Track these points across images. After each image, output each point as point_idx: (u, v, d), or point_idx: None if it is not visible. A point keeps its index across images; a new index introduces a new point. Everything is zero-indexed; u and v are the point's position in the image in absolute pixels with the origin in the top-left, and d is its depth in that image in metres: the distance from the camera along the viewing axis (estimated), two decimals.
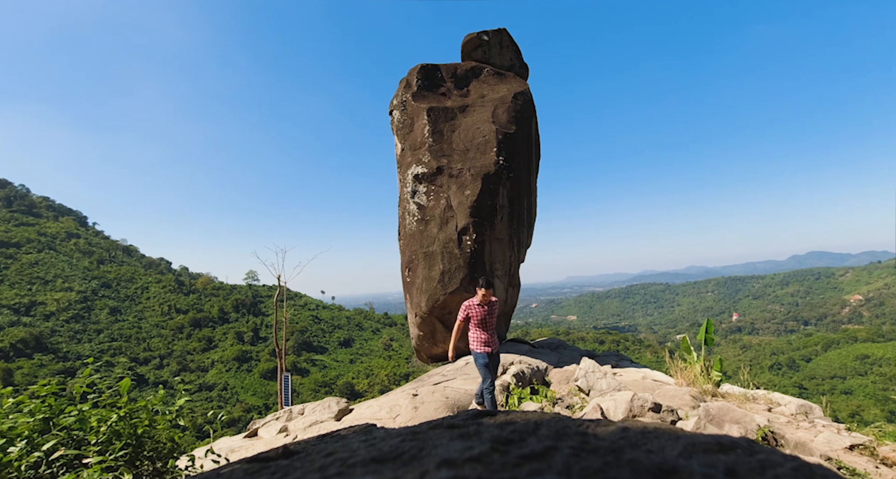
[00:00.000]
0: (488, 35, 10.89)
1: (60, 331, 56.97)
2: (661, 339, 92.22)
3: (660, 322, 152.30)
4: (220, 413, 4.30)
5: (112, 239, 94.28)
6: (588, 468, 0.49)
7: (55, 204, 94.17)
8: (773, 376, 58.29)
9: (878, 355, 61.48)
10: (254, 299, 79.22)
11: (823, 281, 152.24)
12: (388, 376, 51.70)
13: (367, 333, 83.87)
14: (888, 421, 4.72)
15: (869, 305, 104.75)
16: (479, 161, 8.66)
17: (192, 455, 2.61)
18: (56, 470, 2.09)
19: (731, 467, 0.54)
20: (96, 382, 2.67)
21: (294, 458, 0.73)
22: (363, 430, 1.01)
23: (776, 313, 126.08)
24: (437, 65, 10.35)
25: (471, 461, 0.52)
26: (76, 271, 70.65)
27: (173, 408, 2.67)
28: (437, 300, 8.26)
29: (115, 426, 2.29)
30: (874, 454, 3.52)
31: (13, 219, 78.14)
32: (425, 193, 8.83)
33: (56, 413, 2.27)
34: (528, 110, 9.80)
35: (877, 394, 50.52)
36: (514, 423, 0.76)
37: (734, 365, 23.15)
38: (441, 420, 0.88)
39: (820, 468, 0.56)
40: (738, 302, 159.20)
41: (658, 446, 0.66)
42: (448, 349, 6.26)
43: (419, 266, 8.63)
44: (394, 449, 0.61)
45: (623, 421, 0.81)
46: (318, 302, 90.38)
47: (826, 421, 4.59)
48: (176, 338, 64.88)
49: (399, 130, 9.92)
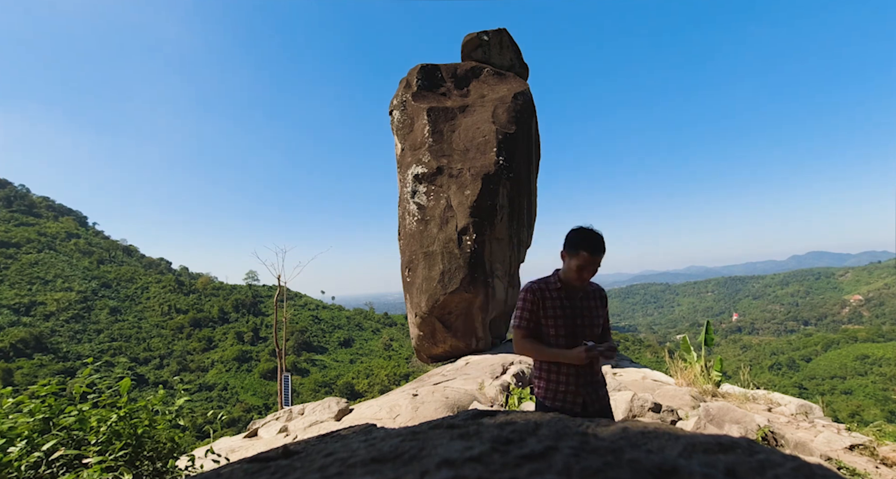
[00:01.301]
0: (488, 35, 10.89)
1: (60, 331, 56.97)
2: (661, 339, 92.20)
3: (660, 322, 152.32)
4: (220, 413, 4.30)
5: (112, 239, 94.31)
6: (588, 468, 0.49)
7: (55, 204, 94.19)
8: (773, 376, 58.29)
9: (878, 355, 61.48)
10: (254, 299, 79.20)
11: (823, 281, 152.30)
12: (388, 376, 51.68)
13: (367, 333, 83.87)
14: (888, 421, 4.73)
15: (869, 305, 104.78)
16: (479, 161, 8.66)
17: (192, 455, 2.60)
18: (56, 470, 2.09)
19: (731, 467, 0.54)
20: (96, 382, 2.67)
21: (294, 458, 0.73)
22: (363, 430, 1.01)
23: (776, 313, 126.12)
24: (437, 65, 10.35)
25: (471, 461, 0.52)
26: (76, 271, 70.66)
27: (173, 408, 2.67)
28: (438, 300, 8.26)
29: (115, 426, 2.29)
30: (874, 454, 3.52)
31: (13, 219, 78.14)
32: (425, 193, 8.83)
33: (56, 413, 2.27)
34: (527, 110, 9.80)
35: (877, 394, 50.52)
36: (514, 423, 0.76)
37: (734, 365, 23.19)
38: (441, 420, 0.88)
39: (820, 468, 0.56)
40: (738, 302, 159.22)
41: (658, 446, 0.66)
42: (447, 349, 5.95)
43: (419, 266, 8.63)
44: (394, 449, 0.61)
45: (623, 421, 0.81)
46: (318, 302, 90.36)
47: (826, 421, 4.59)
48: (176, 338, 64.88)
49: (399, 130, 9.92)
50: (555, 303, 2.08)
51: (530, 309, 2.11)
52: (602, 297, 2.23)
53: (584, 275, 2.02)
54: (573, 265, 2.01)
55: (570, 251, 2.03)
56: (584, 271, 2.00)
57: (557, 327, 2.08)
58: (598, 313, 2.16)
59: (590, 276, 2.04)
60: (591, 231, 2.00)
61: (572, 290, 2.11)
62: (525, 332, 2.14)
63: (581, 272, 2.01)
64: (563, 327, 2.07)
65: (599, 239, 2.00)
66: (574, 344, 2.07)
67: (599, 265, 2.02)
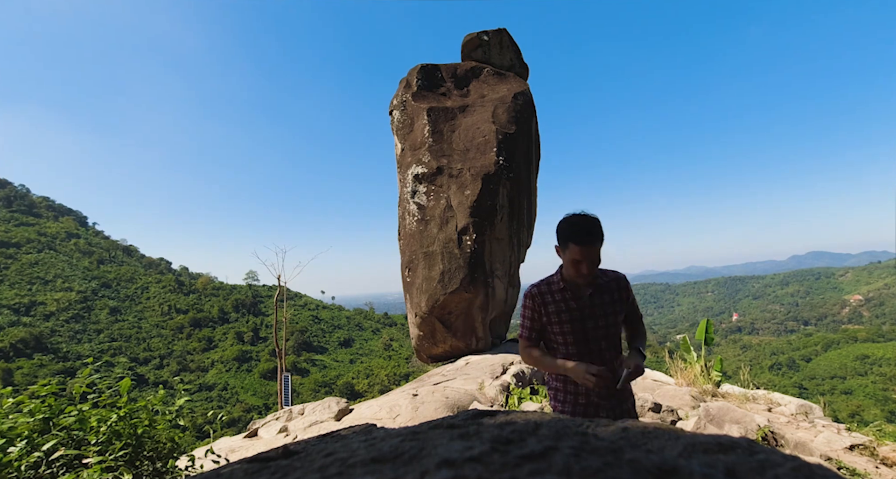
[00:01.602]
0: (488, 35, 10.90)
1: (60, 331, 56.98)
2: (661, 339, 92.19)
3: (660, 322, 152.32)
4: (220, 413, 4.30)
5: (112, 239, 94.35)
6: (588, 468, 0.49)
7: (55, 204, 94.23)
8: (773, 376, 58.27)
9: (878, 355, 61.47)
10: (254, 299, 79.21)
11: (823, 281, 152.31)
12: (388, 376, 51.68)
13: (367, 333, 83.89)
14: (888, 421, 4.73)
15: (869, 305, 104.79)
16: (479, 161, 8.66)
17: (192, 455, 2.60)
18: (56, 470, 2.10)
19: (731, 467, 0.54)
20: (96, 382, 2.67)
21: (294, 458, 0.73)
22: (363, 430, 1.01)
23: (776, 313, 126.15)
24: (437, 65, 10.35)
25: (471, 461, 0.52)
26: (76, 271, 70.67)
27: (173, 408, 2.67)
28: (437, 300, 8.26)
29: (115, 426, 2.29)
30: (874, 454, 3.52)
31: (13, 219, 78.16)
32: (425, 193, 8.83)
33: (56, 413, 2.27)
34: (528, 110, 9.81)
35: (877, 394, 50.50)
36: (514, 423, 0.76)
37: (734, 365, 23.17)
38: (441, 420, 0.88)
39: (820, 468, 0.56)
40: (738, 302, 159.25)
41: (658, 446, 0.66)
42: (447, 349, 5.88)
43: (419, 266, 8.63)
44: (394, 449, 0.61)
45: (623, 421, 0.81)
46: (318, 302, 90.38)
47: (826, 421, 4.59)
48: (176, 338, 64.90)
49: (399, 130, 9.92)
50: (559, 306, 1.80)
51: (531, 317, 1.87)
52: (621, 288, 1.87)
53: (583, 269, 1.70)
54: (568, 260, 1.73)
55: (562, 245, 1.75)
56: (580, 266, 1.69)
57: (564, 334, 1.81)
58: (612, 310, 1.82)
59: (590, 270, 1.71)
60: (580, 217, 1.70)
61: (578, 288, 1.80)
62: (527, 342, 1.91)
63: (578, 267, 1.70)
64: (570, 333, 1.80)
65: (591, 225, 1.67)
66: (587, 350, 1.80)
67: (599, 256, 1.70)
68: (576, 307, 1.79)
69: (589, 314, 1.79)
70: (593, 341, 1.81)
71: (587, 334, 1.80)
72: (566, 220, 1.72)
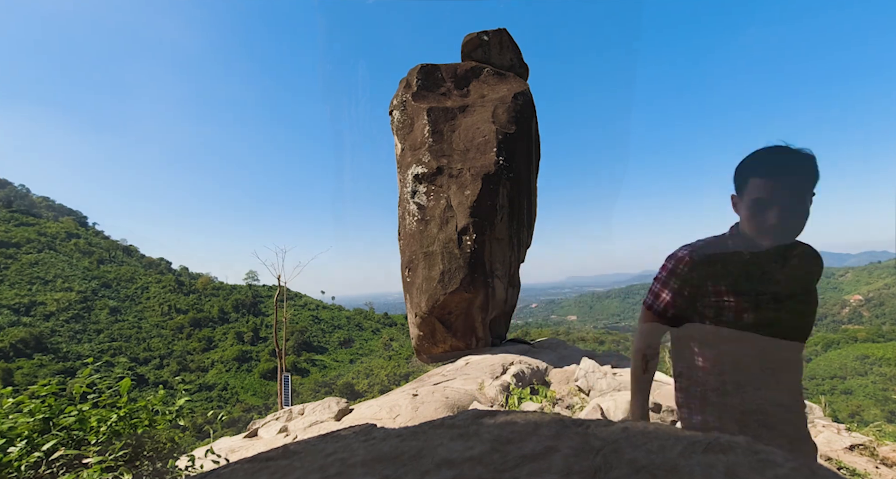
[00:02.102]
0: (488, 35, 10.90)
1: (60, 331, 56.96)
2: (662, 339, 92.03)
3: None
4: (220, 413, 4.29)
5: (112, 239, 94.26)
6: (588, 468, 0.49)
7: (55, 204, 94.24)
8: None
9: (878, 355, 61.44)
10: (254, 299, 79.21)
11: (823, 281, 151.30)
12: (388, 376, 51.65)
13: (367, 333, 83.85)
14: (888, 421, 4.72)
15: (869, 305, 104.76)
16: (479, 161, 8.66)
17: (192, 455, 2.60)
18: (56, 470, 2.09)
19: (731, 467, 0.54)
20: (96, 382, 2.67)
21: (294, 458, 0.73)
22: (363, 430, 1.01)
23: None
24: (437, 65, 10.36)
25: (471, 461, 0.52)
26: (76, 271, 70.65)
27: (173, 408, 2.67)
28: (437, 300, 8.26)
29: (115, 426, 2.29)
30: (874, 454, 3.52)
31: (13, 219, 78.11)
32: (425, 193, 8.83)
33: (56, 413, 2.27)
34: (528, 110, 9.81)
35: (877, 394, 50.48)
36: (514, 423, 0.76)
37: None
38: (441, 420, 0.88)
39: (820, 468, 0.56)
40: None
41: (658, 446, 0.66)
42: (447, 349, 5.82)
43: (419, 266, 8.63)
44: (394, 449, 0.61)
45: (623, 421, 0.81)
46: (318, 302, 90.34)
47: (826, 421, 4.59)
48: (176, 338, 64.89)
49: (399, 130, 9.92)
50: (729, 279, 1.18)
51: (677, 286, 1.24)
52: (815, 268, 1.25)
53: (770, 218, 1.11)
54: (748, 209, 1.16)
55: (740, 184, 1.18)
56: (767, 213, 1.11)
57: (738, 311, 1.18)
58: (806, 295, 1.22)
59: (781, 220, 1.11)
60: (775, 146, 1.12)
61: (759, 255, 1.18)
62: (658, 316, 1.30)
63: (762, 217, 1.13)
64: (743, 312, 1.18)
65: (789, 154, 1.10)
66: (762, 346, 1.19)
67: (806, 201, 1.10)
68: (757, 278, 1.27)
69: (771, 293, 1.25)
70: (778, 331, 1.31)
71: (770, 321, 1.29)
72: (756, 151, 1.16)
